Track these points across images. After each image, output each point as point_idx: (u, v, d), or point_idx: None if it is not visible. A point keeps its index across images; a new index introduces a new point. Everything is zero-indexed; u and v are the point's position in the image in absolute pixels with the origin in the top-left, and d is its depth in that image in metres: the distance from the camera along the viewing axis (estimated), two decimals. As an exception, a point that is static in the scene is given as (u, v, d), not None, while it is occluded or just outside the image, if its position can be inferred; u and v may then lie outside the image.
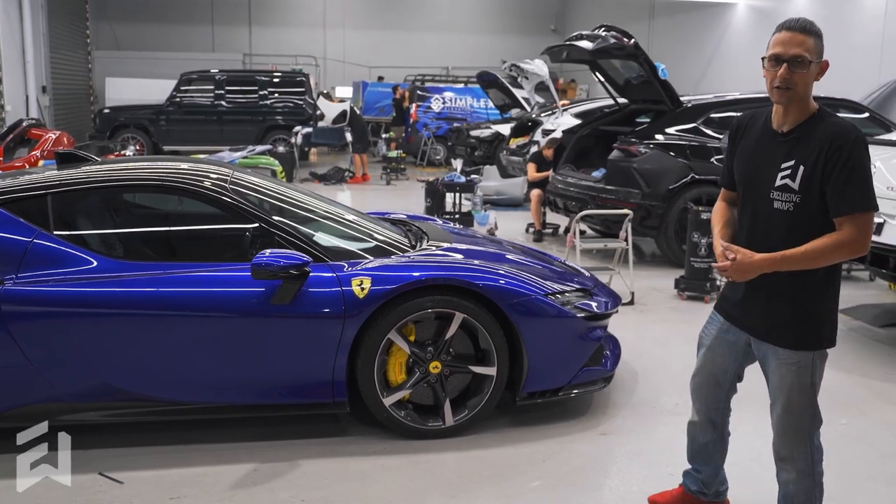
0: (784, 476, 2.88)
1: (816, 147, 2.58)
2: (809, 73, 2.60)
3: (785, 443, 2.84)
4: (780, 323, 2.73)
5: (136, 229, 4.38)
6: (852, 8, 15.79)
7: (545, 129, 12.51)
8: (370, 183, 15.70)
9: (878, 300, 7.00)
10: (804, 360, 2.73)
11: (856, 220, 2.56)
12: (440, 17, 28.56)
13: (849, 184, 2.55)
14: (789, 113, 2.67)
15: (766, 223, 2.70)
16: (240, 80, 18.48)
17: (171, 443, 3.90)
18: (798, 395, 2.76)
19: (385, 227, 4.75)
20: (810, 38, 2.61)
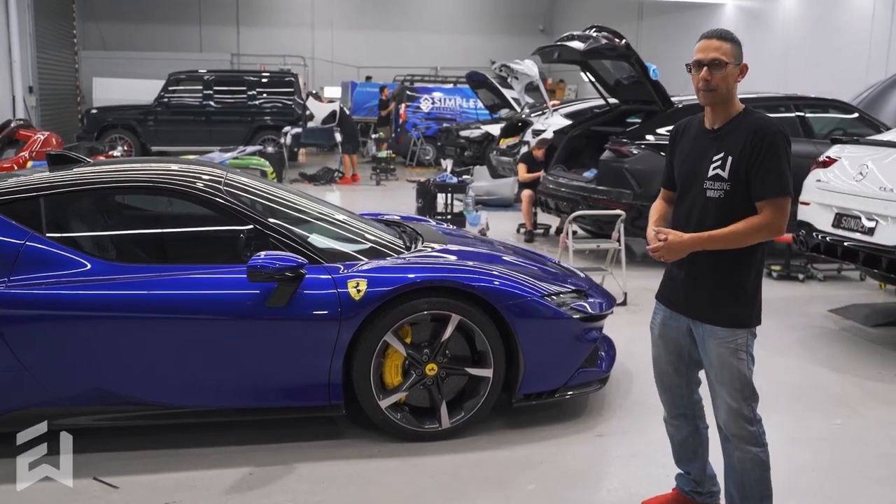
0: (739, 454, 2.97)
1: (742, 139, 2.83)
2: (727, 74, 2.85)
3: (732, 421, 2.94)
4: (715, 304, 2.91)
5: (129, 231, 4.34)
6: (840, 9, 15.87)
7: (535, 129, 12.50)
8: (360, 183, 15.67)
9: (869, 300, 7.03)
10: (740, 339, 2.90)
11: (773, 203, 2.80)
12: (428, 18, 28.55)
13: (769, 171, 2.80)
14: (717, 113, 2.92)
15: (701, 210, 2.91)
16: (228, 80, 18.40)
17: (166, 447, 3.86)
18: (738, 372, 2.90)
19: (379, 229, 4.73)
20: (726, 44, 2.87)
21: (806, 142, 8.41)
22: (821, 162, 6.14)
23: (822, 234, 5.84)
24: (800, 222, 6.22)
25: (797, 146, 8.34)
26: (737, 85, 2.91)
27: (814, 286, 7.59)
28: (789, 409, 4.58)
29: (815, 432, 4.26)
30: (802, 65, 16.74)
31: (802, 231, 6.10)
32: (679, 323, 3.06)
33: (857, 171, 5.59)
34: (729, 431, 2.96)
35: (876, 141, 6.00)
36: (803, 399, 4.72)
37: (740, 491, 3.00)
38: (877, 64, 14.43)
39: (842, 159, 5.90)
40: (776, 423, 4.39)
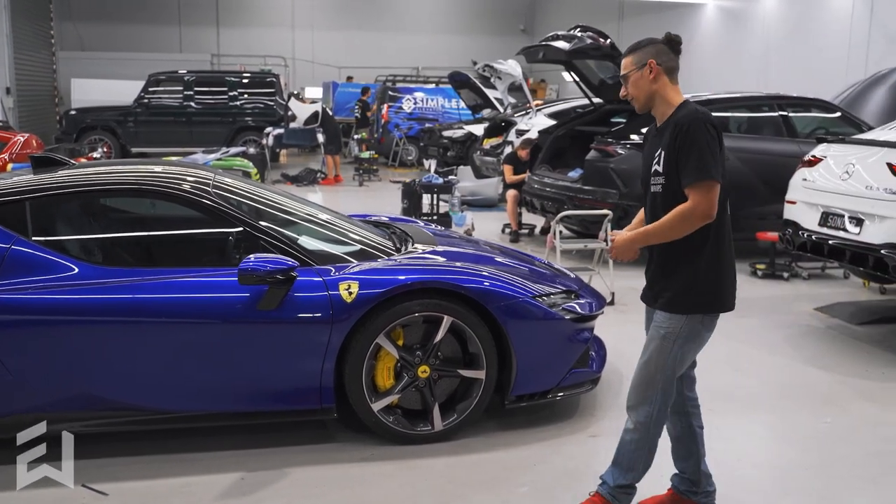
0: (626, 425, 3.15)
1: (669, 133, 2.95)
2: (634, 81, 3.03)
3: (634, 394, 3.10)
4: (658, 291, 3.07)
5: (117, 234, 4.29)
6: (819, 10, 16.00)
7: (519, 129, 12.51)
8: (343, 184, 15.61)
9: (854, 298, 7.09)
10: (673, 326, 3.01)
11: (696, 188, 2.87)
12: (409, 18, 28.51)
13: (689, 158, 2.89)
14: (657, 114, 3.08)
15: (651, 205, 3.09)
16: (209, 80, 18.28)
17: (156, 452, 3.82)
18: (657, 356, 3.03)
19: (369, 230, 4.70)
20: (628, 57, 3.08)
21: (789, 141, 8.48)
22: (807, 161, 6.18)
23: (808, 232, 5.88)
24: (786, 221, 6.26)
25: (780, 145, 8.48)
26: (660, 84, 3.00)
27: (798, 284, 7.64)
28: (779, 407, 4.60)
29: (805, 431, 4.27)
30: (782, 64, 16.86)
31: (789, 230, 6.13)
32: (651, 314, 3.17)
33: (843, 170, 5.63)
34: (627, 403, 3.13)
35: (861, 140, 6.04)
36: (792, 398, 4.74)
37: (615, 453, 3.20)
38: (856, 63, 14.56)
39: (827, 158, 5.93)
40: (766, 421, 4.43)
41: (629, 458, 3.15)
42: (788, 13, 16.97)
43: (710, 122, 2.93)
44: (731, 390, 4.84)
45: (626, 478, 3.17)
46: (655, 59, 3.00)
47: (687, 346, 3.04)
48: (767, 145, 8.42)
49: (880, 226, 5.24)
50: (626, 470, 3.16)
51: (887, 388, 4.91)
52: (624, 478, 3.17)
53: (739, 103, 9.00)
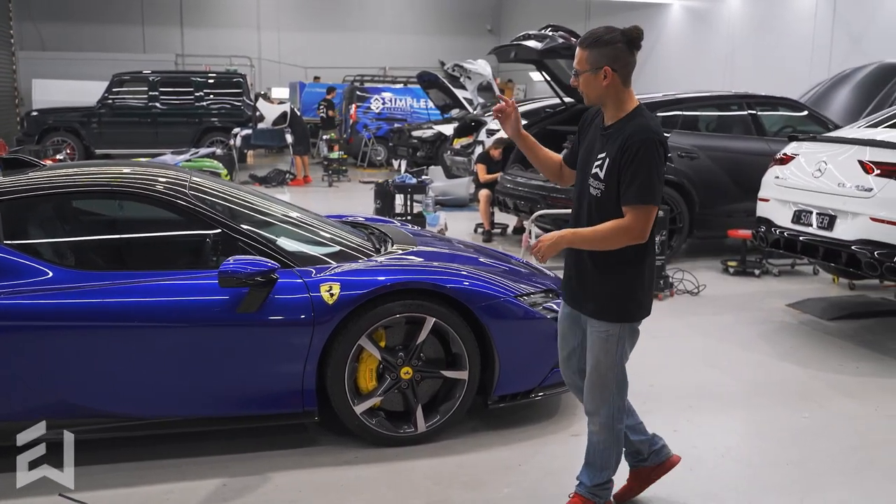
0: (590, 428, 3.21)
1: (619, 142, 2.89)
2: (586, 80, 2.94)
3: (591, 399, 3.15)
4: (590, 297, 3.07)
5: (91, 237, 4.20)
6: (783, 9, 16.23)
7: (489, 129, 12.52)
8: (312, 185, 15.51)
9: (824, 294, 7.18)
10: (612, 330, 3.05)
11: (637, 210, 2.88)
12: (376, 18, 28.43)
13: (636, 178, 2.86)
14: (608, 111, 3.00)
15: (586, 205, 3.04)
16: (174, 81, 18.04)
17: (135, 459, 3.74)
18: (604, 359, 3.07)
19: (348, 231, 4.66)
20: (584, 51, 2.95)
21: (758, 139, 8.57)
22: (779, 159, 6.25)
23: (781, 229, 5.94)
24: (759, 218, 6.32)
25: (750, 144, 8.57)
26: (612, 89, 2.92)
27: (769, 281, 7.72)
28: (757, 403, 4.64)
29: (784, 426, 4.31)
30: (747, 63, 17.08)
31: (762, 227, 6.19)
32: (575, 315, 3.20)
33: (815, 168, 5.70)
34: (587, 410, 3.20)
35: (833, 138, 6.11)
36: (769, 393, 4.78)
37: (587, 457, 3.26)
38: (820, 62, 14.79)
39: (799, 156, 6.00)
40: (745, 417, 4.46)
41: (601, 458, 3.22)
42: (753, 13, 17.19)
43: (662, 141, 2.92)
44: (709, 387, 4.87)
45: (601, 476, 3.24)
46: (612, 65, 2.89)
47: (629, 343, 3.13)
48: (737, 144, 8.50)
49: (852, 222, 5.31)
50: (601, 469, 3.23)
51: (862, 382, 4.97)
52: (600, 476, 3.24)
53: (708, 102, 9.08)
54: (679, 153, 8.15)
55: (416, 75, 16.57)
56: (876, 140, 5.49)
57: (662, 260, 6.96)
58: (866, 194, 5.22)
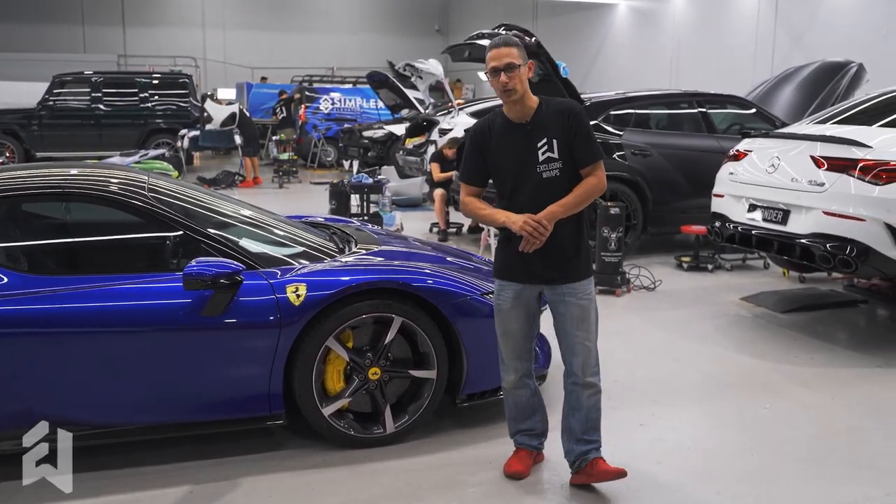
0: (593, 388, 3.44)
1: (559, 122, 3.28)
2: (520, 73, 3.25)
3: (591, 364, 3.41)
4: (570, 263, 3.35)
5: (48, 241, 4.06)
6: (727, 9, 16.55)
7: (442, 128, 12.50)
8: (262, 187, 15.32)
9: (775, 287, 7.32)
10: (591, 290, 3.40)
11: (598, 166, 3.34)
12: (323, 18, 28.22)
13: (589, 141, 3.32)
14: (521, 108, 3.31)
15: (543, 192, 3.29)
16: (118, 82, 17.66)
17: (98, 468, 3.63)
18: (592, 316, 3.40)
19: (311, 232, 4.60)
20: (514, 49, 3.27)
21: (708, 137, 8.71)
22: (732, 155, 6.35)
23: (736, 224, 6.04)
24: (714, 214, 6.42)
25: (700, 141, 8.71)
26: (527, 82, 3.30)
27: (722, 275, 7.85)
28: (719, 395, 4.71)
29: (747, 417, 4.39)
30: (693, 62, 17.38)
31: (717, 222, 6.29)
32: (532, 292, 3.42)
33: (768, 164, 5.81)
34: (585, 373, 3.40)
35: (785, 134, 6.24)
36: (731, 385, 4.86)
37: (584, 425, 3.46)
38: (763, 60, 15.11)
39: (753, 152, 6.11)
40: (709, 410, 4.52)
41: (599, 419, 3.51)
42: (697, 12, 17.50)
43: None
44: (672, 381, 4.93)
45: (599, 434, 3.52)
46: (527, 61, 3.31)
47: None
48: (688, 141, 8.63)
49: (806, 216, 5.42)
50: (596, 429, 3.50)
51: (817, 372, 5.08)
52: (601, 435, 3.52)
53: (660, 100, 9.21)
54: (632, 151, 8.24)
55: (366, 75, 16.47)
56: (826, 136, 5.63)
57: (619, 256, 7.02)
58: (819, 189, 5.33)
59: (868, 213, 5.05)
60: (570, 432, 3.51)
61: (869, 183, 5.07)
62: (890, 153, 5.11)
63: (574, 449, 3.52)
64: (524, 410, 3.64)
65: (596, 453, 3.48)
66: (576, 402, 3.47)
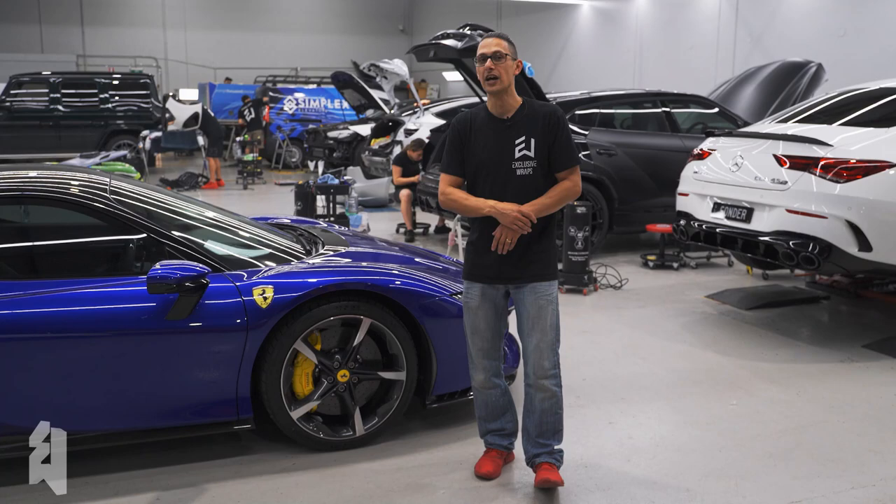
0: (551, 391, 3.44)
1: (539, 123, 3.36)
2: (507, 65, 3.32)
3: (547, 359, 3.42)
4: (534, 264, 3.41)
5: (6, 245, 3.97)
6: (689, 9, 16.72)
7: (407, 128, 12.47)
8: (226, 188, 15.17)
9: (740, 284, 7.41)
10: (554, 289, 3.46)
11: (574, 170, 3.42)
12: (286, 18, 28.02)
13: (567, 145, 3.40)
14: (504, 103, 3.38)
15: (515, 188, 3.35)
16: (77, 82, 17.39)
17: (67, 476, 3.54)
18: (555, 319, 3.44)
19: (277, 234, 4.55)
20: (504, 41, 3.37)
21: (672, 136, 8.79)
22: (696, 154, 6.41)
23: (701, 222, 6.09)
24: (679, 212, 6.47)
25: (665, 140, 8.79)
26: (513, 79, 3.37)
27: (688, 273, 7.92)
28: (687, 392, 4.74)
29: (715, 413, 4.42)
30: (655, 63, 17.54)
31: (682, 221, 6.33)
32: (497, 291, 3.46)
33: (731, 163, 5.87)
34: (538, 375, 3.42)
35: (748, 133, 6.31)
36: (698, 382, 4.89)
37: (538, 428, 3.49)
38: (724, 60, 15.30)
39: (716, 151, 6.17)
40: (678, 407, 4.54)
41: (556, 422, 3.51)
42: (660, 13, 17.66)
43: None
44: (640, 379, 4.95)
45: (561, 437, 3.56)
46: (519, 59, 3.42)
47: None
48: (653, 140, 8.70)
49: (769, 214, 5.48)
50: (555, 433, 3.52)
51: (782, 368, 5.14)
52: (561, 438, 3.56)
53: (624, 100, 9.27)
54: (598, 150, 8.29)
55: (331, 75, 16.39)
56: (788, 135, 5.70)
57: (586, 255, 7.05)
58: (781, 187, 5.40)
59: (829, 211, 5.12)
60: (527, 433, 3.56)
61: (830, 181, 5.14)
62: (850, 151, 5.19)
63: (528, 450, 3.56)
64: (494, 410, 3.63)
65: (546, 458, 3.50)
66: (529, 404, 3.51)
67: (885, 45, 12.87)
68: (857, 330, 6.10)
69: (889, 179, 5.05)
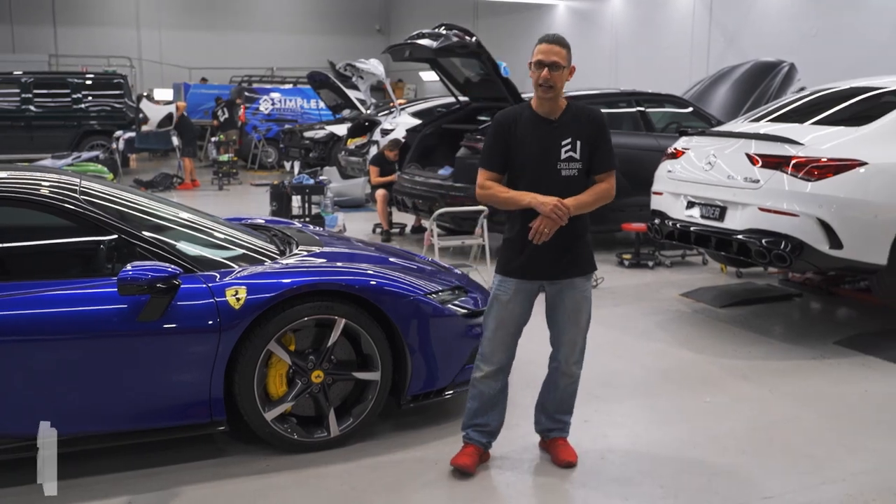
0: (574, 377, 3.69)
1: (586, 126, 3.46)
2: (562, 74, 3.41)
3: (578, 356, 3.66)
4: (575, 261, 3.53)
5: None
6: (663, 9, 16.83)
7: (384, 128, 12.45)
8: (201, 189, 15.06)
9: (714, 282, 7.47)
10: (590, 284, 3.62)
11: (612, 174, 3.53)
12: (262, 18, 27.87)
13: (608, 149, 3.51)
14: (553, 105, 3.46)
15: (560, 188, 3.42)
16: (49, 82, 17.23)
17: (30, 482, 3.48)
18: (587, 311, 3.61)
19: (250, 234, 4.52)
20: (563, 49, 3.42)
21: (647, 135, 8.83)
22: (670, 153, 6.45)
23: (675, 221, 6.13)
24: (653, 211, 6.50)
25: (640, 140, 8.83)
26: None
27: (663, 272, 7.97)
28: (662, 390, 4.77)
29: (689, 410, 4.45)
30: (631, 62, 17.64)
31: (656, 220, 6.37)
32: (531, 286, 3.55)
33: (705, 162, 5.90)
34: (569, 364, 3.64)
35: (721, 132, 6.35)
36: (672, 380, 4.92)
37: (557, 406, 3.75)
38: (699, 59, 15.42)
39: (690, 150, 6.21)
40: (652, 404, 4.58)
41: (573, 401, 3.79)
42: (635, 13, 17.77)
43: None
44: (615, 377, 4.98)
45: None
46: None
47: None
48: (628, 140, 8.72)
49: (742, 212, 5.52)
50: (571, 408, 3.79)
51: (754, 365, 5.19)
52: (572, 416, 3.81)
53: (599, 99, 9.28)
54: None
55: (307, 75, 16.32)
56: (761, 134, 5.75)
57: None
58: (754, 186, 5.44)
59: (801, 209, 5.16)
60: (543, 407, 3.79)
61: (802, 179, 5.19)
62: (821, 150, 5.24)
63: (542, 422, 3.81)
64: (486, 404, 3.66)
65: (559, 433, 3.77)
66: (553, 384, 3.72)
67: (857, 46, 13.03)
68: (829, 327, 6.17)
69: (859, 178, 5.11)
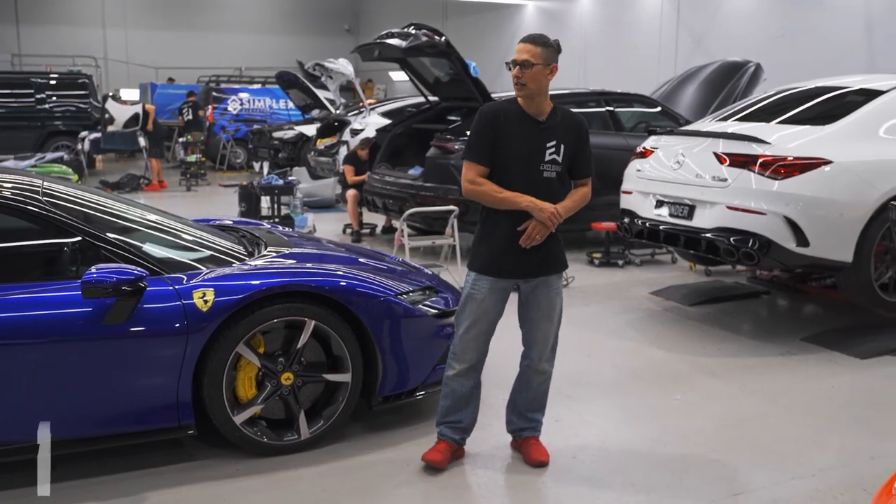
0: (545, 375, 3.72)
1: (571, 130, 3.50)
2: (535, 72, 3.38)
3: (550, 353, 3.70)
4: (551, 259, 3.58)
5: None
6: (631, 10, 16.94)
7: (353, 128, 12.40)
8: (168, 190, 14.90)
9: (683, 281, 7.52)
10: (561, 282, 3.68)
11: (589, 180, 3.64)
12: (230, 17, 27.65)
13: (589, 157, 3.61)
14: (537, 105, 3.46)
15: (538, 187, 3.45)
16: (12, 82, 16.96)
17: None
18: (560, 310, 3.67)
19: (219, 236, 4.46)
20: (537, 48, 3.42)
21: (616, 134, 8.88)
22: (639, 152, 6.48)
23: (644, 220, 6.16)
24: (623, 210, 6.53)
25: (609, 139, 8.87)
26: (548, 84, 3.44)
27: (633, 271, 8.02)
28: (633, 388, 4.79)
29: (660, 408, 4.47)
30: (599, 62, 17.73)
31: (626, 219, 6.40)
32: (506, 284, 3.56)
33: (674, 161, 5.94)
34: (542, 361, 3.67)
35: (689, 131, 6.40)
36: (643, 378, 4.94)
37: (529, 404, 3.77)
38: (667, 58, 15.54)
39: (659, 150, 6.24)
40: (623, 403, 4.59)
41: (546, 399, 3.81)
42: (603, 12, 17.87)
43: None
44: (586, 375, 4.99)
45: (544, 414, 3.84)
46: (556, 63, 3.46)
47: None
48: (597, 139, 8.69)
49: (710, 211, 5.57)
50: (543, 407, 3.81)
51: (724, 363, 5.23)
52: (544, 415, 3.83)
53: (569, 99, 9.29)
54: (543, 149, 8.31)
55: (276, 75, 16.20)
56: (728, 133, 5.79)
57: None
58: (722, 184, 5.48)
59: (768, 207, 5.21)
60: (515, 406, 3.80)
61: (768, 178, 5.24)
62: (787, 149, 5.29)
63: (514, 421, 3.81)
64: (458, 402, 3.67)
65: (531, 433, 3.78)
66: (525, 382, 3.73)
67: (822, 46, 13.21)
68: (797, 324, 6.24)
69: (825, 176, 5.17)
